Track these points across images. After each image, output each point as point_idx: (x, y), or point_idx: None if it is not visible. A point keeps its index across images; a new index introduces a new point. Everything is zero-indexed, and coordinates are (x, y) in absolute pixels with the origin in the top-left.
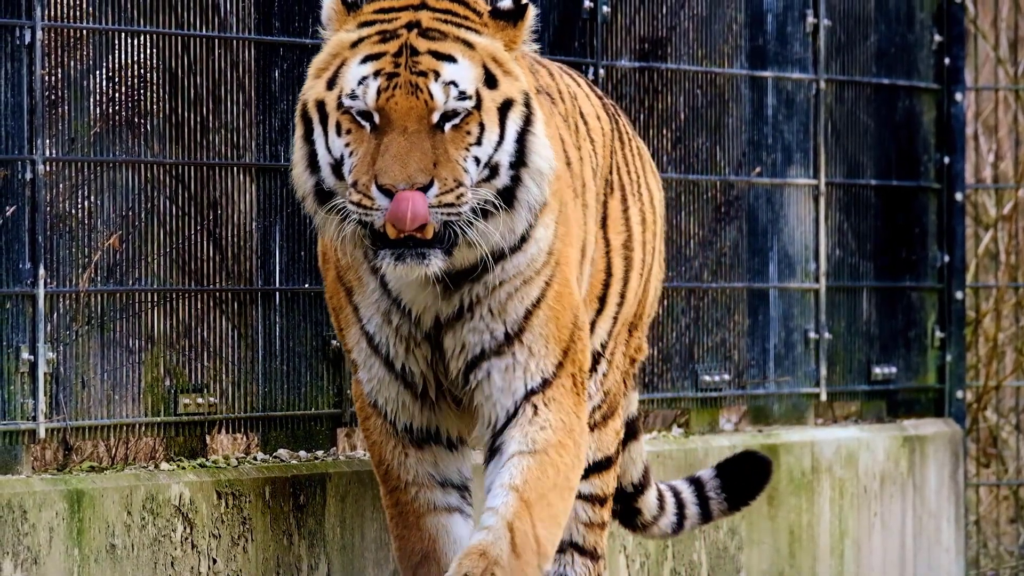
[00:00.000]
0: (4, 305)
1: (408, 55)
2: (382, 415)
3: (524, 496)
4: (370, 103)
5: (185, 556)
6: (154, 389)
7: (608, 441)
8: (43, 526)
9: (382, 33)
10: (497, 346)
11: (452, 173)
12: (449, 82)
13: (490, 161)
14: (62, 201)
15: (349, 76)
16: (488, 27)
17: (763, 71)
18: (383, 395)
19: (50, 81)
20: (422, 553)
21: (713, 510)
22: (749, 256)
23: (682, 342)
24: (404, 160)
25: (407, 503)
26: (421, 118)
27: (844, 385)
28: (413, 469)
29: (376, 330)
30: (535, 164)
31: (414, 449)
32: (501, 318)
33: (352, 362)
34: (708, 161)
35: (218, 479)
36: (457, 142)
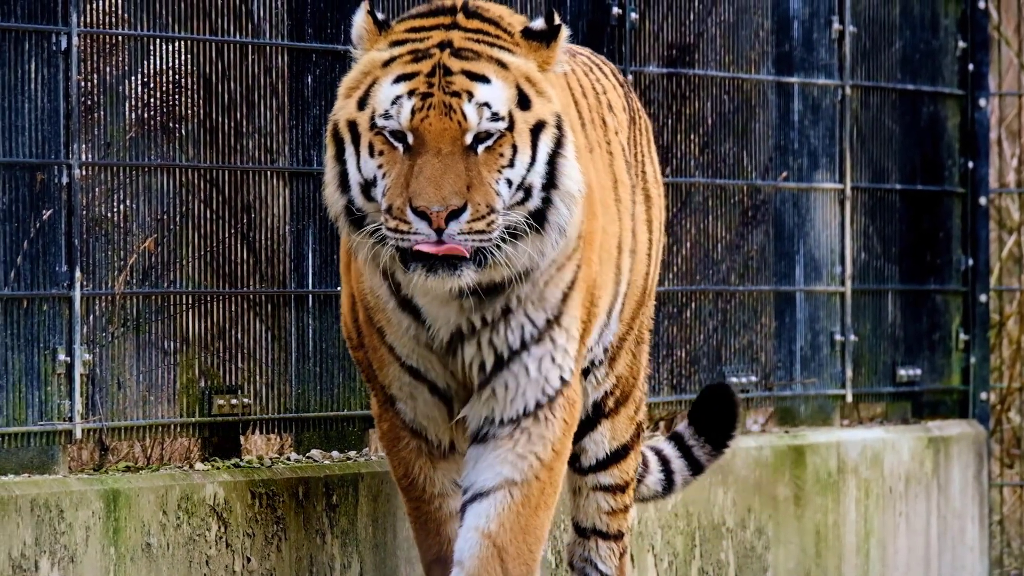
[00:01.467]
0: (41, 307)
1: (441, 75)
2: (421, 437)
3: (496, 541)
4: (404, 123)
5: (219, 555)
6: (189, 390)
7: (622, 428)
8: (79, 525)
9: (414, 52)
10: (539, 334)
11: (485, 198)
12: (483, 103)
13: (523, 183)
14: (98, 205)
15: (382, 96)
16: (520, 47)
17: (790, 77)
18: (427, 418)
19: (86, 86)
20: (437, 555)
21: (700, 457)
22: (776, 259)
23: (709, 344)
24: (439, 182)
25: (430, 513)
26: (455, 139)
27: (869, 387)
28: (439, 482)
29: (419, 362)
30: (566, 187)
31: (442, 462)
32: (541, 305)
33: (386, 397)
34: (735, 166)
35: (252, 479)
36: (490, 164)
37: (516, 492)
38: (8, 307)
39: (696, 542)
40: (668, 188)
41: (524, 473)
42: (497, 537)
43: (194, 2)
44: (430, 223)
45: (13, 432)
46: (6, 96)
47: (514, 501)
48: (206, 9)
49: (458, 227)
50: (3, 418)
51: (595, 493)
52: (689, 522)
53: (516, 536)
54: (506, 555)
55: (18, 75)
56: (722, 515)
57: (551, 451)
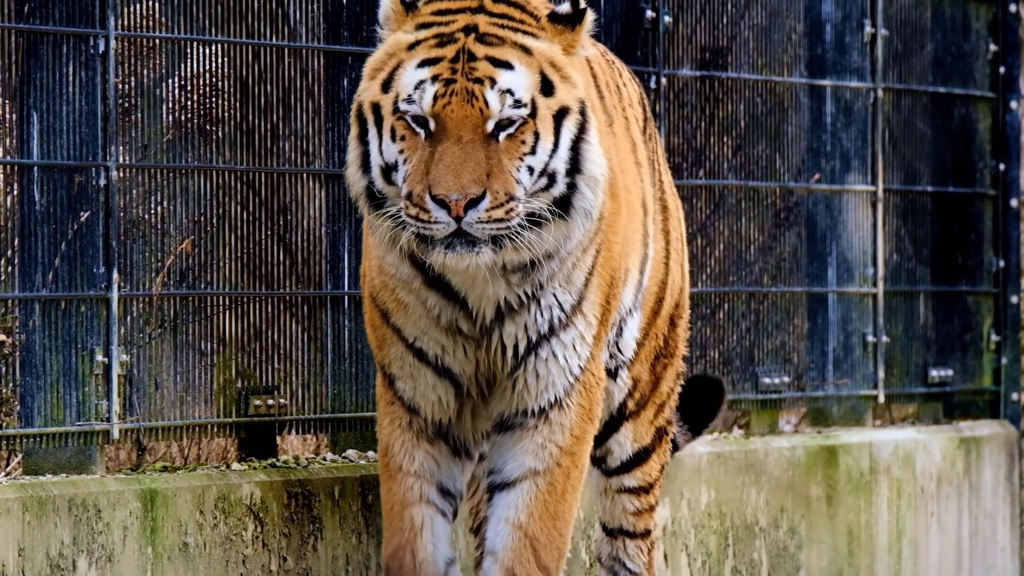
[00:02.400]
0: (79, 308)
1: (465, 60)
2: (412, 411)
3: (528, 531)
4: (426, 109)
5: (256, 555)
6: (226, 391)
7: (643, 431)
8: (117, 525)
9: (439, 36)
10: (566, 319)
11: (504, 186)
12: (505, 90)
13: (546, 169)
14: (135, 207)
15: (406, 80)
16: (546, 31)
17: (822, 80)
18: (426, 399)
19: (123, 89)
20: (398, 544)
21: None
22: (808, 261)
23: (742, 345)
24: (458, 171)
25: (400, 493)
26: (476, 127)
27: (901, 387)
28: (418, 461)
29: (429, 344)
30: (590, 171)
31: (426, 444)
32: (568, 289)
33: (388, 374)
34: (768, 168)
35: (288, 479)
36: (511, 152)
37: (541, 481)
38: (46, 308)
39: (729, 541)
40: (701, 190)
41: (546, 462)
42: (528, 527)
43: (231, 5)
44: (449, 211)
45: (51, 432)
46: (44, 99)
47: (540, 490)
48: (243, 12)
49: (476, 215)
50: (41, 418)
51: (620, 495)
52: (722, 522)
53: (546, 524)
54: (537, 544)
55: (56, 78)
56: (755, 515)
57: (570, 437)
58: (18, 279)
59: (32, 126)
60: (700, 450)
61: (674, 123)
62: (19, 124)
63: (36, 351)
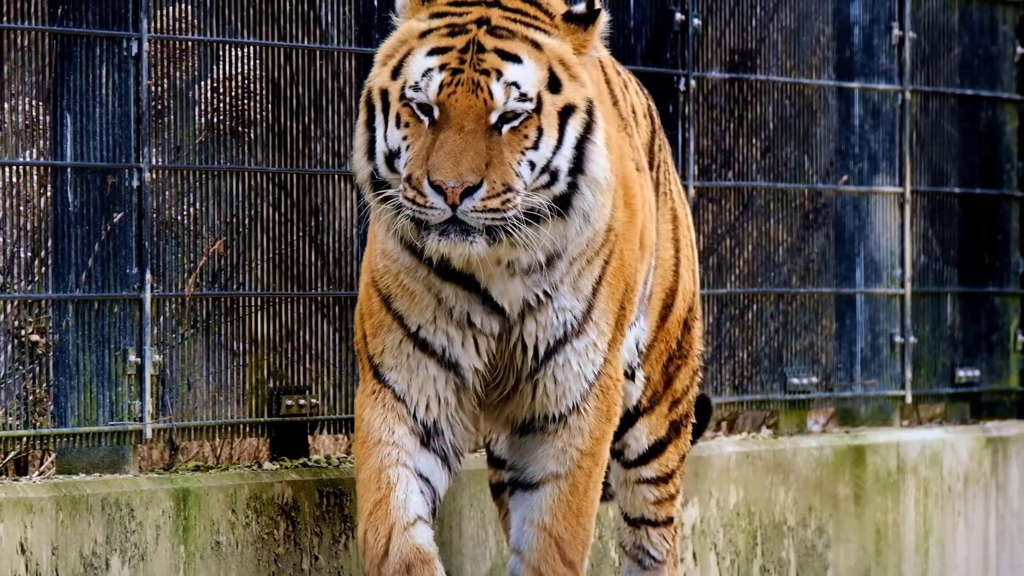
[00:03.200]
0: (112, 309)
1: (474, 52)
2: (402, 403)
3: (553, 531)
4: (431, 96)
5: (288, 553)
6: (258, 391)
7: (657, 424)
8: (150, 524)
9: (451, 27)
10: (578, 327)
11: (502, 177)
12: (511, 83)
13: (548, 166)
14: (168, 208)
15: (414, 67)
16: (559, 29)
17: (850, 82)
18: (424, 392)
19: (156, 91)
20: (374, 502)
21: None
22: (836, 262)
23: (771, 346)
24: (457, 158)
25: (377, 459)
26: (479, 117)
27: (928, 388)
28: (397, 435)
29: (436, 335)
30: (592, 172)
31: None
32: (577, 295)
33: (376, 365)
34: (796, 170)
35: (320, 478)
36: (513, 145)
37: (563, 484)
38: (79, 308)
39: (758, 540)
40: (730, 192)
41: (567, 465)
42: (552, 528)
43: (263, 8)
44: (445, 198)
45: (84, 432)
46: (78, 101)
47: (563, 492)
48: (275, 15)
49: (472, 204)
50: (75, 418)
51: (639, 486)
52: (751, 521)
53: (570, 522)
54: (562, 542)
55: (89, 80)
56: (783, 514)
57: (590, 440)
58: (52, 280)
59: (65, 128)
60: (729, 450)
61: (703, 125)
62: (53, 126)
63: (69, 351)
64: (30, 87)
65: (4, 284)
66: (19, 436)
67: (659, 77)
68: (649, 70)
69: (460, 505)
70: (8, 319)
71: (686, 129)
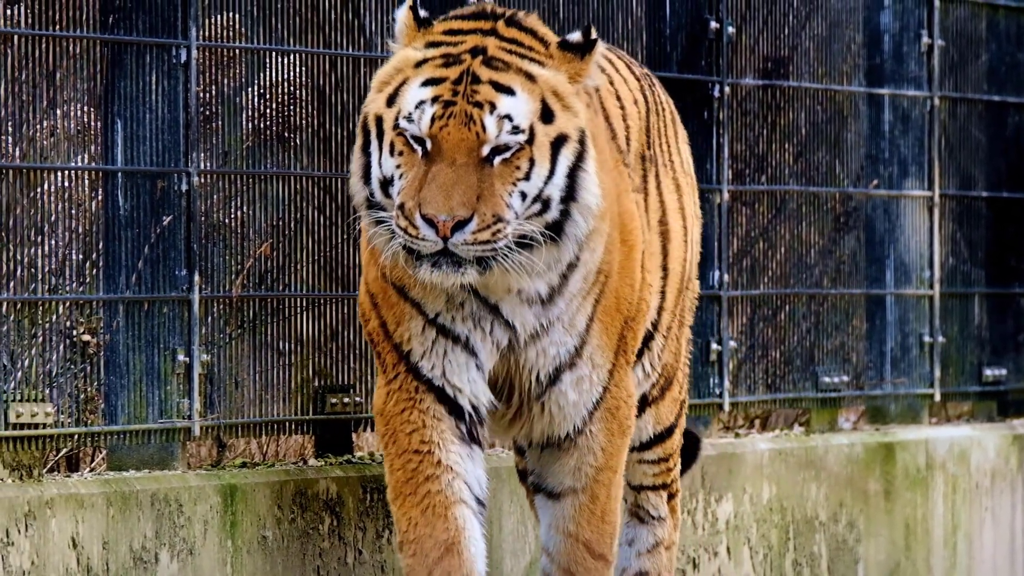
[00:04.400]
0: (161, 310)
1: (468, 83)
2: (441, 400)
3: (579, 537)
4: (424, 129)
5: (332, 548)
6: (303, 389)
7: (666, 412)
8: (198, 519)
9: (446, 57)
10: (570, 360)
11: (492, 208)
12: (504, 115)
13: (540, 195)
14: (216, 211)
15: (408, 97)
16: (554, 59)
17: (880, 89)
18: (458, 378)
19: (204, 98)
20: (446, 544)
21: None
22: (867, 264)
23: (803, 345)
24: (448, 192)
25: (438, 492)
26: (471, 151)
27: (957, 386)
28: (455, 454)
29: (454, 323)
30: (584, 200)
31: (457, 439)
32: (570, 331)
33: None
34: (828, 174)
35: (363, 474)
36: (505, 176)
37: (583, 496)
38: (129, 309)
39: (790, 535)
40: (764, 195)
41: (583, 481)
42: (579, 535)
43: (309, 17)
44: (437, 231)
45: (134, 429)
46: (129, 107)
47: (583, 503)
48: (320, 23)
49: (463, 237)
50: (125, 416)
51: (640, 465)
52: (783, 516)
53: (595, 527)
54: (590, 544)
55: (140, 87)
56: (815, 509)
57: (602, 456)
58: (103, 281)
59: (116, 133)
60: (762, 447)
61: (737, 131)
62: (104, 131)
63: (120, 351)
64: (82, 94)
65: (57, 286)
66: (71, 434)
67: (694, 84)
68: (684, 77)
69: (500, 501)
70: (60, 320)
71: (720, 135)
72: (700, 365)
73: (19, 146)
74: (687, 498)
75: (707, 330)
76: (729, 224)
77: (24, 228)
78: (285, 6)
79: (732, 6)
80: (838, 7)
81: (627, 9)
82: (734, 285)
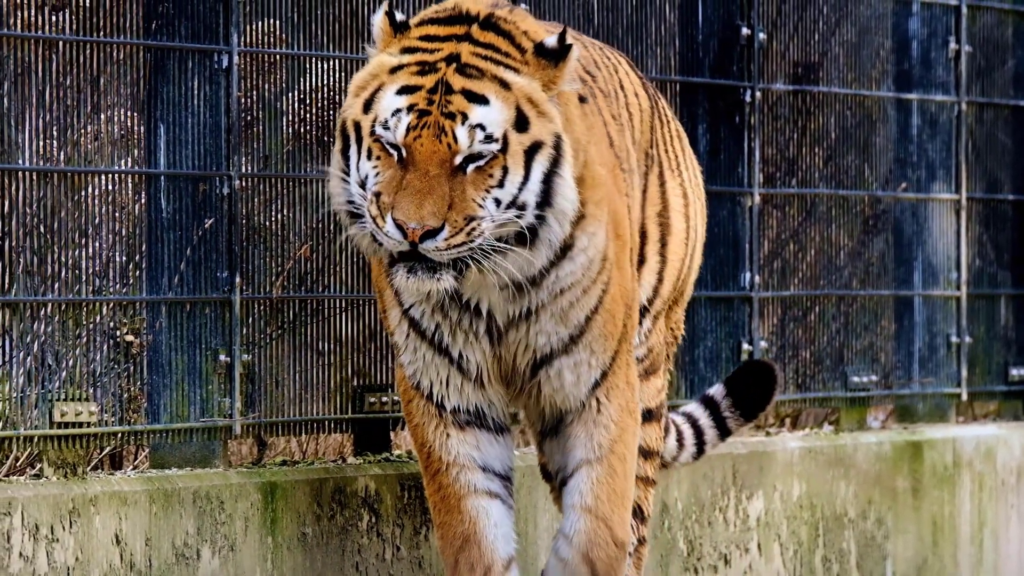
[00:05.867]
0: (203, 310)
1: (442, 92)
2: (425, 396)
3: (598, 513)
4: (399, 138)
5: (371, 544)
6: (342, 388)
7: (649, 395)
8: (239, 516)
9: (421, 64)
10: (564, 346)
11: (464, 212)
12: (476, 125)
13: (515, 201)
14: (257, 214)
15: (384, 104)
16: (529, 65)
17: (908, 94)
18: (428, 376)
19: (246, 103)
20: (463, 536)
21: (731, 427)
22: (895, 265)
23: (833, 345)
24: (420, 202)
25: (448, 485)
26: (443, 162)
27: (983, 386)
28: (455, 450)
29: (422, 316)
30: (559, 205)
31: (456, 430)
32: (564, 323)
33: (394, 344)
34: (857, 177)
35: (401, 472)
36: (478, 184)
37: (598, 467)
38: (172, 310)
39: (820, 532)
40: (794, 198)
41: (597, 452)
42: (598, 510)
43: (348, 23)
44: (405, 235)
45: (176, 428)
46: (172, 112)
47: (601, 474)
48: (359, 29)
49: (434, 244)
50: (167, 415)
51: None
52: (813, 513)
53: (614, 504)
54: (611, 523)
55: (183, 92)
56: (844, 506)
57: (615, 429)
58: (146, 282)
59: (159, 138)
60: (792, 445)
61: (768, 135)
62: (147, 136)
63: (162, 351)
64: (125, 99)
65: (100, 287)
66: (114, 432)
67: (726, 89)
68: (716, 82)
69: (536, 498)
70: (104, 320)
71: (752, 139)
72: (731, 365)
73: (64, 150)
74: (719, 495)
75: (738, 331)
76: (760, 226)
77: (69, 230)
78: (325, 12)
79: (763, 13)
80: (867, 14)
81: (660, 15)
82: (765, 286)
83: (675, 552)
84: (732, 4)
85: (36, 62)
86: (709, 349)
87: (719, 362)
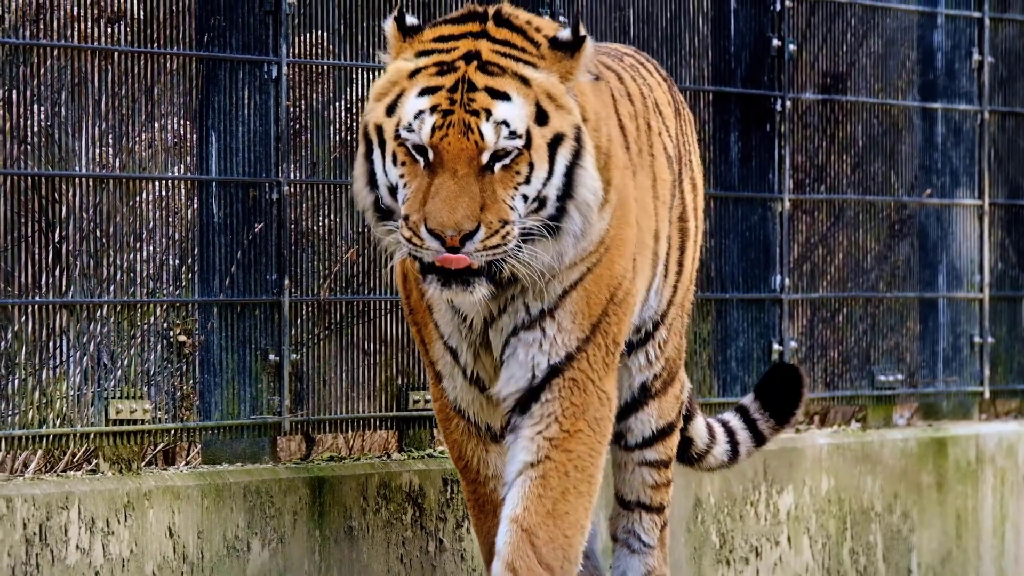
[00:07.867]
0: (253, 312)
1: (464, 90)
2: (465, 418)
3: (525, 526)
4: (424, 139)
5: (415, 537)
6: (387, 387)
7: (668, 407)
8: (288, 510)
9: (440, 64)
10: (530, 322)
11: (498, 214)
12: (501, 121)
13: (539, 196)
14: (305, 219)
15: (407, 107)
16: (545, 59)
17: (933, 103)
18: (465, 400)
19: (294, 112)
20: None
21: (764, 430)
22: (920, 268)
23: (860, 346)
24: (453, 206)
25: (486, 495)
26: (471, 160)
27: (1005, 384)
28: (492, 464)
29: (456, 344)
30: (582, 196)
31: (494, 445)
32: (540, 298)
33: (435, 373)
34: (884, 183)
35: (444, 468)
36: (506, 182)
37: (533, 473)
38: (223, 312)
39: (847, 525)
40: (823, 204)
41: (536, 455)
42: (524, 521)
43: None
44: (443, 243)
45: (228, 425)
46: (223, 120)
47: (533, 483)
48: None
49: (472, 246)
50: (219, 412)
51: (640, 468)
52: (841, 507)
53: (544, 519)
54: (536, 538)
55: (233, 101)
56: (871, 501)
57: (559, 431)
58: (198, 285)
59: (211, 145)
60: (820, 442)
61: (798, 143)
62: (199, 143)
63: (214, 351)
64: (178, 108)
65: (154, 289)
66: (168, 429)
67: (757, 99)
68: (748, 92)
69: None
70: (158, 321)
71: (782, 147)
72: (762, 365)
73: (119, 157)
74: (750, 490)
75: (769, 331)
76: (790, 231)
77: (124, 235)
78: (371, 24)
79: (794, 25)
80: (893, 26)
81: (694, 28)
82: (795, 289)
83: (708, 544)
84: (763, 17)
85: (92, 73)
86: (741, 349)
87: (750, 362)
